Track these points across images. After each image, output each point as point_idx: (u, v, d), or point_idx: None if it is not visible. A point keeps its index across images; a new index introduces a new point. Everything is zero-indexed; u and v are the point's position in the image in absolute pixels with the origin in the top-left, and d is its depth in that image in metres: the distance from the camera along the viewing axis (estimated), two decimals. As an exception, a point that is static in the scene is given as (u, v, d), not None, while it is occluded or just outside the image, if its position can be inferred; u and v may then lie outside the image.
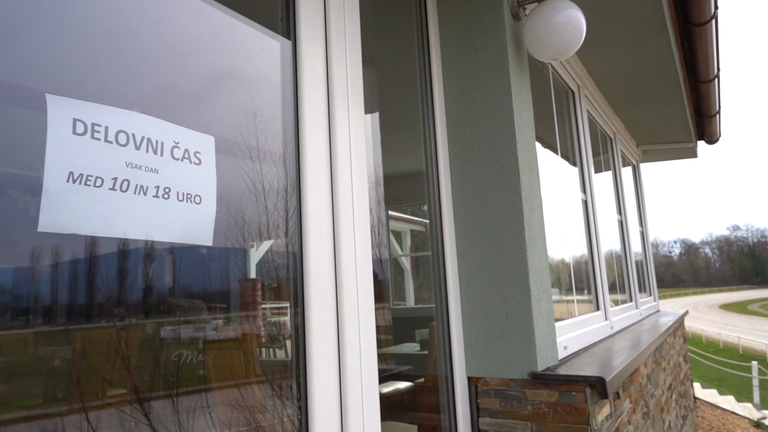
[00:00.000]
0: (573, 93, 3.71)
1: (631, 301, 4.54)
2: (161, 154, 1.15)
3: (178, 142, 1.20)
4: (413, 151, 2.39)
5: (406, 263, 5.15)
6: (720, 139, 6.56)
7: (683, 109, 4.90)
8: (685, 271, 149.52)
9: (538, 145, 3.20)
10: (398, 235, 5.24)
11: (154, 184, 1.13)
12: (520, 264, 2.07)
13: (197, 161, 1.23)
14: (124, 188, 1.06)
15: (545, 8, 2.23)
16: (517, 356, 2.03)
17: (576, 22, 2.23)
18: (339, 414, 1.48)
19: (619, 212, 4.81)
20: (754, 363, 14.21)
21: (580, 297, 3.39)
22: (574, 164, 3.68)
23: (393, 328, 4.65)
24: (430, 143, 2.29)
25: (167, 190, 1.15)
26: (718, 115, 5.67)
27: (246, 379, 1.38)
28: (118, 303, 1.10)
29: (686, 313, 5.90)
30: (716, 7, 3.56)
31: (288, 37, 1.60)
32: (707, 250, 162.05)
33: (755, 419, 10.87)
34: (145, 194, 1.11)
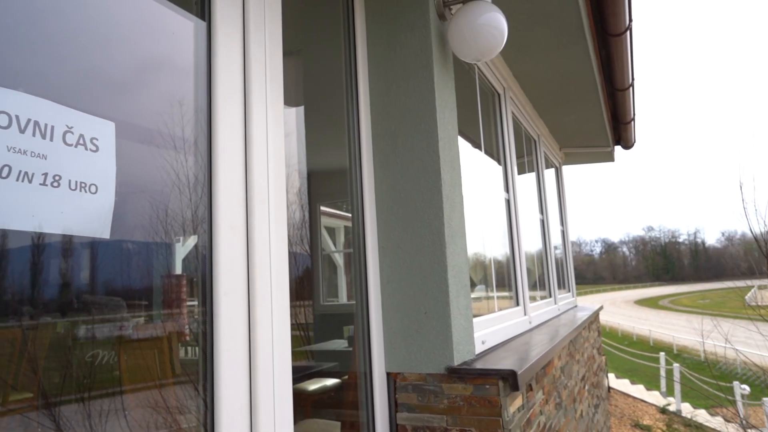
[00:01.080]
0: (499, 95, 3.81)
1: (550, 297, 4.75)
2: (51, 139, 1.07)
3: (71, 127, 1.11)
4: (343, 147, 2.38)
5: (339, 259, 5.13)
6: (635, 144, 6.98)
7: (601, 114, 5.17)
8: (605, 268, 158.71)
9: (466, 144, 3.28)
10: (332, 232, 5.21)
11: (42, 171, 1.04)
12: (439, 261, 2.10)
13: (94, 148, 1.15)
14: (4, 175, 0.98)
15: (469, 10, 2.27)
16: (435, 351, 2.06)
17: (498, 25, 2.29)
18: (249, 415, 1.44)
19: (542, 212, 5.01)
20: (662, 354, 15.29)
21: (503, 294, 3.50)
22: (500, 164, 3.79)
23: (324, 325, 4.62)
24: (354, 138, 2.28)
25: (57, 177, 1.07)
26: (633, 122, 6.03)
27: (163, 379, 1.32)
28: (21, 301, 1.02)
29: (601, 308, 6.24)
30: (630, 20, 3.77)
31: (203, 18, 1.53)
32: (625, 249, 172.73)
33: (661, 406, 11.69)
34: (30, 182, 1.02)
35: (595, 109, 5.02)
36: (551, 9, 3.16)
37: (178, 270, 1.42)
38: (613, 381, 14.61)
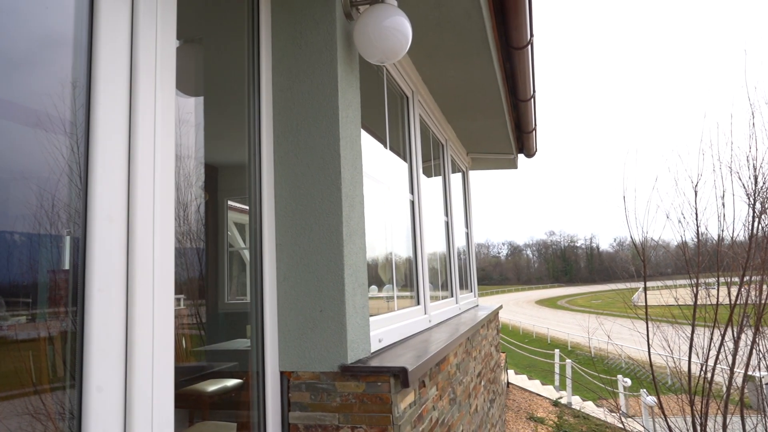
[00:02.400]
0: (407, 98, 3.89)
1: (451, 296, 4.92)
2: None
3: None
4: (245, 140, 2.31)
5: (247, 256, 4.98)
6: (537, 153, 7.39)
7: (505, 123, 5.42)
8: (510, 270, 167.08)
9: (377, 145, 3.31)
10: (242, 228, 5.05)
11: None
12: (336, 259, 2.10)
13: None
14: None
15: (375, 12, 2.29)
16: (329, 350, 2.06)
17: (402, 29, 2.33)
18: (123, 419, 1.36)
19: (447, 214, 5.18)
20: (557, 351, 16.32)
21: (405, 293, 3.58)
22: (407, 166, 3.86)
23: (229, 324, 4.47)
24: (255, 132, 2.22)
25: None
26: (534, 132, 6.38)
27: (37, 385, 1.21)
28: None
29: (500, 307, 6.55)
30: (532, 35, 3.99)
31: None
32: (529, 252, 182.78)
33: (554, 399, 12.47)
34: None
35: (499, 117, 5.26)
36: (458, 19, 3.27)
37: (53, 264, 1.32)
38: (513, 377, 15.40)
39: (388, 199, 3.38)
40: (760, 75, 4.34)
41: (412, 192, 3.79)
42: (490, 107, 4.97)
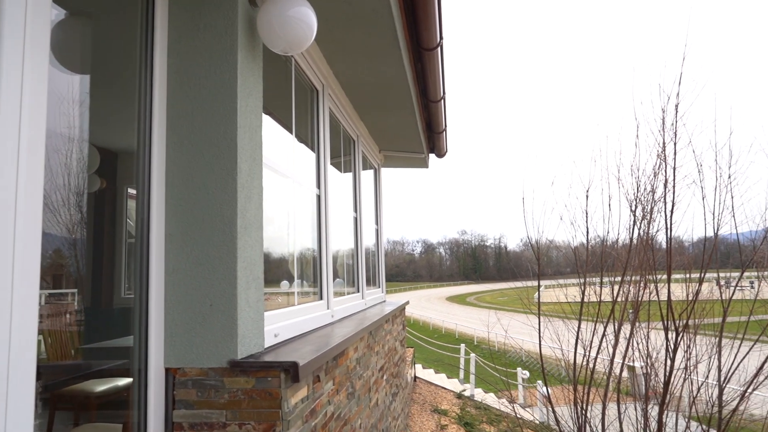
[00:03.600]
0: (317, 91, 3.85)
1: (358, 292, 4.95)
2: None
3: None
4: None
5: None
6: (447, 153, 7.60)
7: (416, 123, 5.52)
8: (423, 267, 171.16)
9: (288, 138, 3.24)
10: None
11: None
12: (229, 251, 2.04)
13: None
14: None
15: (279, 0, 2.25)
16: (219, 345, 2.00)
17: (307, 20, 2.30)
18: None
19: (356, 210, 5.19)
20: (462, 345, 16.96)
21: (309, 288, 3.55)
22: (314, 160, 3.83)
23: (124, 319, 4.20)
24: (145, 116, 2.10)
25: None
26: (444, 132, 6.56)
27: None
28: None
29: (407, 303, 6.68)
30: (441, 37, 4.09)
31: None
32: (442, 249, 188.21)
33: (458, 392, 12.94)
34: None
35: (410, 116, 5.35)
36: (368, 16, 3.28)
37: None
38: (420, 371, 15.79)
39: (295, 192, 3.34)
40: (644, 92, 4.73)
41: (318, 186, 3.76)
42: (401, 106, 5.04)
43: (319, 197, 3.75)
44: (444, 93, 5.26)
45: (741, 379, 4.20)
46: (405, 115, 5.34)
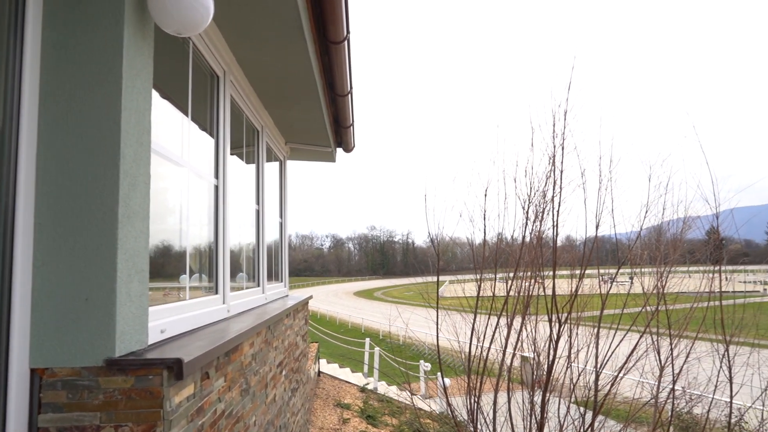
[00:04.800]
0: (218, 77, 3.70)
1: (258, 286, 4.83)
2: None
3: None
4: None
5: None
6: (355, 148, 7.62)
7: (323, 116, 5.48)
8: (332, 261, 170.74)
9: (184, 123, 3.07)
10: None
11: None
12: (109, 242, 1.90)
13: None
14: None
15: (172, -23, 2.12)
16: (94, 342, 1.86)
17: (203, 1, 2.20)
18: None
19: (258, 203, 5.06)
20: (367, 340, 17.14)
21: (204, 283, 3.40)
22: (214, 149, 3.67)
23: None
24: (13, 92, 1.89)
25: None
26: (352, 127, 6.56)
27: None
28: None
29: (310, 297, 6.63)
30: (348, 31, 4.08)
31: None
32: (351, 245, 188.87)
33: (362, 385, 13.08)
34: None
35: (317, 109, 5.30)
36: (273, 4, 3.19)
37: None
38: (325, 366, 15.77)
39: (191, 182, 3.18)
40: (537, 98, 5.02)
41: (217, 176, 3.61)
42: (307, 98, 4.98)
43: (217, 188, 3.60)
44: (351, 87, 5.26)
45: (615, 365, 4.60)
46: (311, 108, 5.28)
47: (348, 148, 7.45)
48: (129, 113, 2.03)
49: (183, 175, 3.06)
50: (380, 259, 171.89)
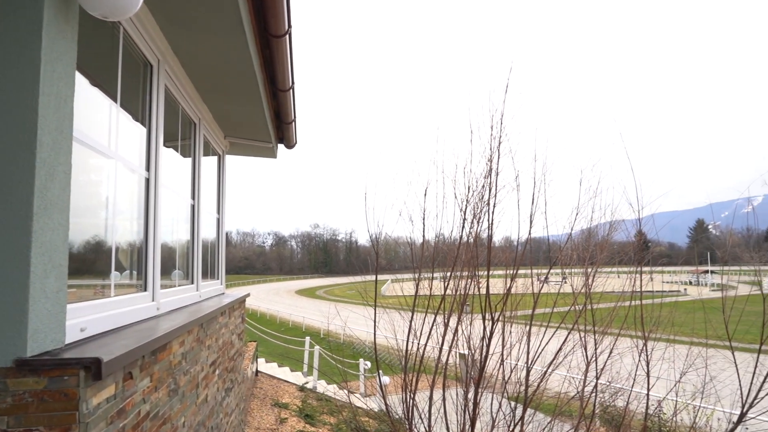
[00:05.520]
0: (151, 66, 3.56)
1: (192, 283, 4.68)
2: None
3: None
4: None
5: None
6: (297, 144, 7.52)
7: (263, 111, 5.37)
8: (273, 259, 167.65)
9: (115, 114, 2.92)
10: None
11: None
12: (22, 235, 1.79)
13: None
14: None
15: (101, -42, 2.02)
16: (2, 341, 1.74)
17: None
18: None
19: (194, 197, 4.90)
20: (307, 338, 17.00)
21: (133, 280, 3.26)
22: (146, 141, 3.52)
23: None
24: None
25: None
26: (294, 123, 6.47)
27: None
28: None
29: (247, 295, 6.50)
30: (290, 25, 4.02)
31: None
32: (293, 242, 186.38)
33: (301, 384, 12.96)
34: None
35: (257, 104, 5.19)
36: (211, -7, 3.11)
37: None
38: (263, 365, 15.51)
39: (120, 174, 3.04)
40: (477, 101, 5.12)
41: (148, 169, 3.47)
42: (247, 92, 4.87)
43: (148, 181, 3.46)
44: (293, 82, 5.19)
45: (545, 361, 4.77)
46: (252, 102, 5.17)
47: (290, 145, 7.35)
48: (48, 99, 1.92)
49: (111, 167, 2.92)
50: (323, 258, 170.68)
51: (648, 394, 4.16)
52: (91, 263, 2.77)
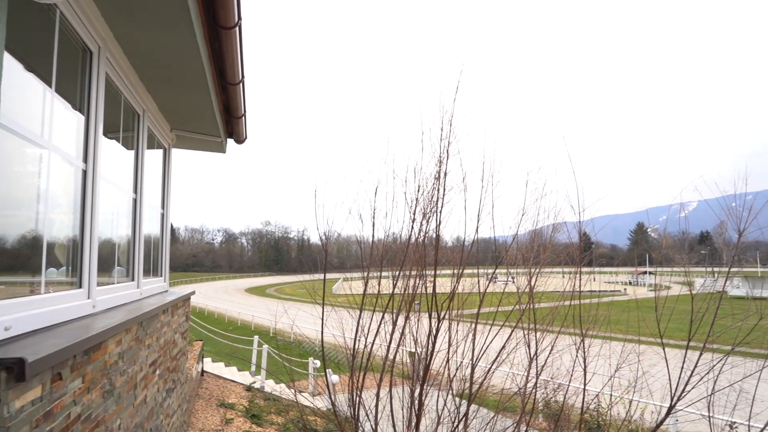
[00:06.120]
0: (91, 53, 3.40)
1: (133, 280, 4.51)
2: None
3: None
4: None
5: None
6: (247, 140, 7.37)
7: (212, 104, 5.23)
8: (223, 257, 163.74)
9: (52, 102, 2.77)
10: None
11: None
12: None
13: None
14: None
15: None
16: None
17: (69, -33, 2.01)
18: None
19: (136, 191, 4.72)
20: (256, 337, 16.73)
21: (68, 278, 3.11)
22: (86, 132, 3.36)
23: None
24: None
25: None
26: (244, 118, 6.34)
27: None
28: None
29: (192, 293, 6.33)
30: (240, 17, 3.94)
31: None
32: (244, 240, 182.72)
33: (248, 384, 12.73)
34: None
35: (205, 97, 5.05)
36: (155, -21, 3.00)
37: None
38: (210, 365, 15.14)
39: (54, 165, 2.89)
40: (427, 102, 5.17)
41: (86, 160, 3.32)
42: (195, 85, 4.73)
43: (85, 172, 3.31)
44: (243, 76, 5.09)
45: (490, 358, 4.87)
46: (200, 94, 5.03)
47: (240, 140, 7.20)
48: (-29, 83, 1.80)
49: (43, 158, 2.78)
50: (274, 256, 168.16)
51: (584, 389, 4.32)
52: (22, 259, 2.63)
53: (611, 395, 4.75)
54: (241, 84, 5.18)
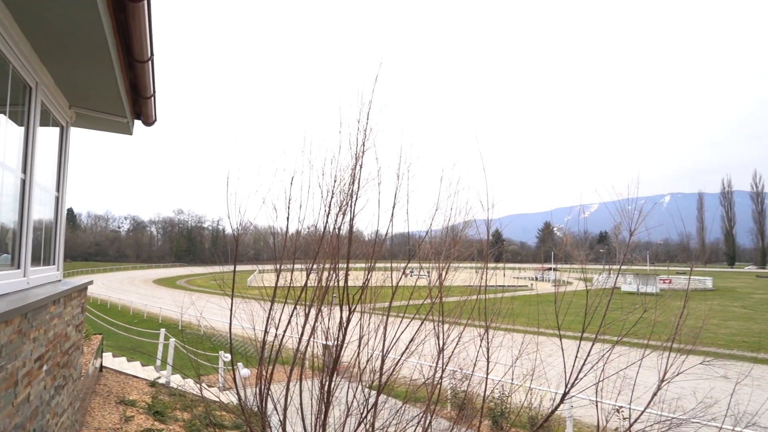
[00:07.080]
0: (-28, 16, 3.06)
1: (18, 268, 4.13)
2: None
3: None
4: None
5: None
6: (157, 122, 6.98)
7: (116, 81, 4.90)
8: (129, 246, 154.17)
9: None
10: None
11: None
12: None
13: None
14: None
15: None
16: None
17: None
18: None
19: (25, 172, 4.32)
20: (162, 330, 15.97)
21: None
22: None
23: None
24: None
25: None
26: (153, 98, 5.99)
27: None
28: None
29: (90, 283, 5.91)
30: (148, -9, 3.71)
31: None
32: (154, 228, 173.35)
33: (152, 380, 12.13)
34: None
35: (109, 73, 4.72)
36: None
37: None
38: (110, 360, 14.27)
39: None
40: (346, 94, 5.13)
41: (-38, 134, 2.99)
42: (97, 59, 4.40)
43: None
44: (152, 53, 4.80)
45: (399, 350, 4.96)
46: (103, 70, 4.69)
47: (148, 122, 6.80)
48: None
49: None
50: (187, 246, 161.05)
51: (487, 378, 4.51)
52: None
53: (512, 383, 5.00)
54: (149, 62, 4.89)
